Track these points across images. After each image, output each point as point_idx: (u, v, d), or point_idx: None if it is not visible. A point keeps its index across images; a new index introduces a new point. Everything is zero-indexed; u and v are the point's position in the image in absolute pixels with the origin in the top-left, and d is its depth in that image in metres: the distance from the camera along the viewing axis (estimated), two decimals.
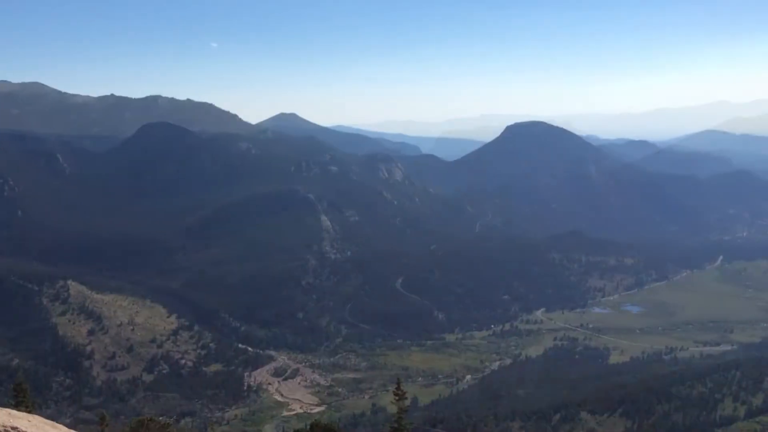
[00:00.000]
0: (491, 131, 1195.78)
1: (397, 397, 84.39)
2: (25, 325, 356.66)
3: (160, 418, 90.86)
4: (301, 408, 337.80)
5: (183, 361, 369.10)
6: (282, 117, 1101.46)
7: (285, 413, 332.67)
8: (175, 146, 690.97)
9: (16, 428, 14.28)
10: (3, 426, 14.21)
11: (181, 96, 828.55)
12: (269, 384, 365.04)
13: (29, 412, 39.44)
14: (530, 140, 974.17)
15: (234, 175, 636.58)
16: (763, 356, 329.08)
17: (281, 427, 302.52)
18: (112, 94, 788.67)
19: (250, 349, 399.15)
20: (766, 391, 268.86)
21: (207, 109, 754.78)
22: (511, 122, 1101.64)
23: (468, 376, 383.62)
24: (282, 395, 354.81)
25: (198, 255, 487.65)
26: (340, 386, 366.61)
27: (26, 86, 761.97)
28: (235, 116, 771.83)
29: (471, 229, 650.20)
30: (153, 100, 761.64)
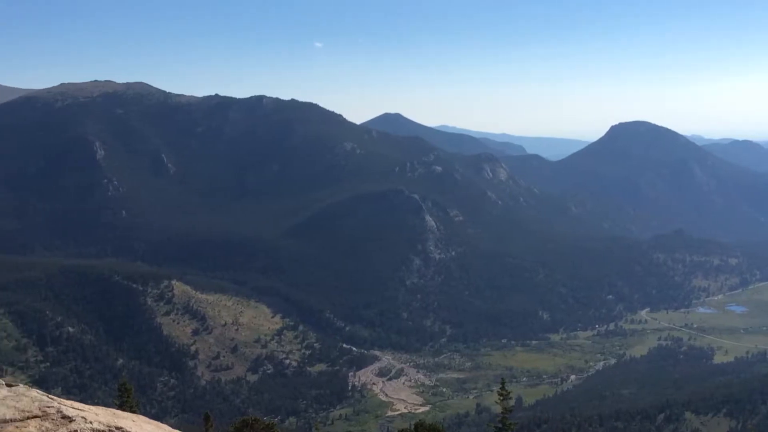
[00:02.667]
0: (596, 131, 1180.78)
1: (501, 397, 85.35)
2: (130, 326, 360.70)
3: (265, 418, 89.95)
4: (405, 408, 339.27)
5: (287, 361, 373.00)
6: (386, 117, 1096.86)
7: (389, 413, 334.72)
8: (279, 146, 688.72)
9: (121, 428, 13.67)
10: (108, 426, 13.45)
11: (286, 96, 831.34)
12: (373, 384, 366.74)
13: (134, 412, 38.66)
14: (634, 140, 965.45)
15: (338, 174, 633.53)
16: None
17: (385, 427, 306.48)
18: (216, 94, 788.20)
19: (354, 348, 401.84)
20: None
21: (311, 109, 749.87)
22: (615, 122, 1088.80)
23: (572, 376, 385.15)
24: (386, 395, 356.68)
25: (302, 255, 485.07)
26: (444, 386, 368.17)
27: (131, 86, 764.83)
28: (339, 116, 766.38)
29: (575, 229, 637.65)
30: (257, 100, 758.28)
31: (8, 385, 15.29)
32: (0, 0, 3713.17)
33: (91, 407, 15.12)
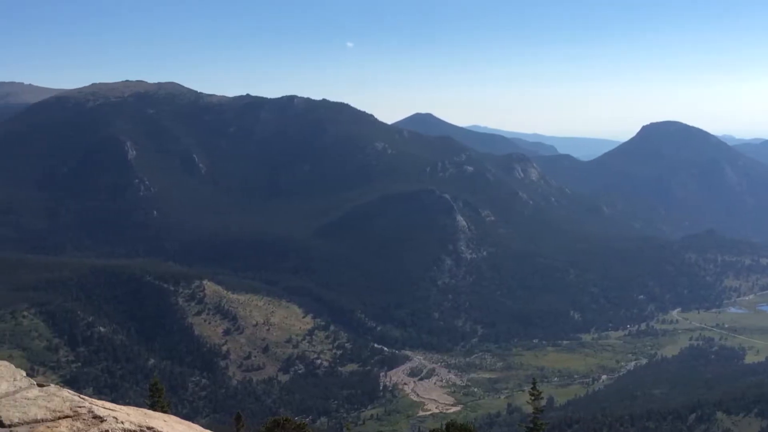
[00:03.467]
0: (627, 131, 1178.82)
1: (532, 397, 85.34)
2: (161, 326, 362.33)
3: (296, 418, 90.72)
4: (436, 408, 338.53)
5: (319, 361, 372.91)
6: (418, 117, 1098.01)
7: (420, 413, 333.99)
8: (310, 146, 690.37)
9: (152, 428, 14.02)
10: (139, 426, 13.90)
11: (317, 96, 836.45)
12: (405, 384, 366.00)
13: (165, 411, 38.24)
14: (666, 140, 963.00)
15: (369, 174, 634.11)
16: None
17: (417, 427, 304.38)
18: (247, 94, 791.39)
19: (385, 349, 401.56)
20: None
21: (343, 108, 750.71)
22: (646, 122, 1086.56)
23: (604, 376, 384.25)
24: (417, 395, 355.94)
25: (333, 254, 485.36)
26: (475, 386, 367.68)
27: (162, 86, 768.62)
28: (370, 116, 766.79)
29: (607, 229, 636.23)
30: (288, 100, 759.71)
31: (40, 385, 14.59)
32: (33, 1, 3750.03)
33: (123, 407, 14.88)
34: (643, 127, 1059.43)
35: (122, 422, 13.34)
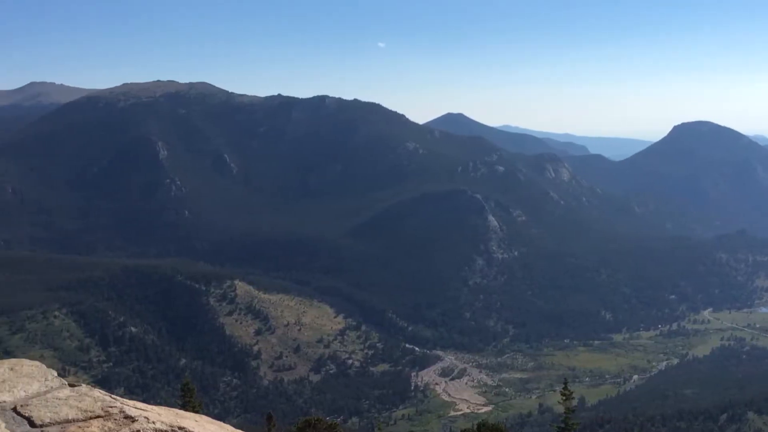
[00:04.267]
0: (658, 131, 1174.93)
1: (564, 397, 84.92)
2: (193, 326, 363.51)
3: (327, 418, 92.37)
4: (467, 408, 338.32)
5: (350, 361, 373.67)
6: (449, 117, 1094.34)
7: (452, 413, 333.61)
8: (341, 146, 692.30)
9: (184, 428, 14.09)
10: (170, 426, 14.03)
11: (349, 96, 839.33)
12: (436, 384, 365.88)
13: (196, 412, 35.45)
14: (697, 140, 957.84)
15: (401, 174, 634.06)
16: None
17: (448, 427, 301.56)
18: (279, 94, 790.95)
19: (417, 349, 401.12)
20: None
21: (374, 109, 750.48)
22: (678, 122, 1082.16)
23: (635, 377, 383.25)
24: (449, 395, 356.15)
25: (364, 255, 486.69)
26: (506, 386, 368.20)
27: (193, 86, 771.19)
28: (402, 116, 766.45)
29: (638, 229, 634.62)
30: (320, 100, 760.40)
31: (71, 385, 14.21)
32: (64, 1, 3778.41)
33: (154, 407, 14.57)
34: (675, 127, 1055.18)
35: (154, 422, 13.18)
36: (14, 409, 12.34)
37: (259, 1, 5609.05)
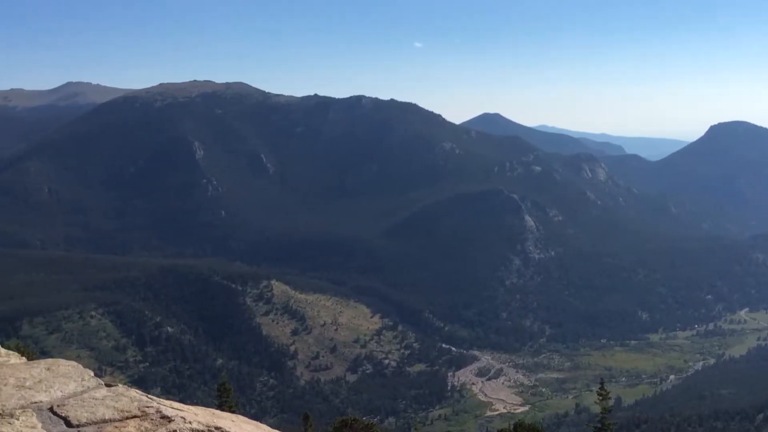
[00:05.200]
0: (695, 131, 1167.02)
1: (600, 397, 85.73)
2: (229, 326, 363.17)
3: (364, 418, 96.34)
4: (504, 408, 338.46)
5: (387, 361, 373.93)
6: (485, 117, 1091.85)
7: (488, 413, 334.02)
8: (378, 146, 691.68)
9: (220, 428, 13.57)
10: (207, 426, 13.58)
11: (385, 96, 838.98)
12: (473, 384, 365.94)
13: (233, 411, 37.71)
14: (733, 140, 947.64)
15: (437, 174, 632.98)
16: None
17: (485, 427, 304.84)
18: (315, 94, 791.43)
19: (453, 348, 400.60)
20: None
21: (410, 109, 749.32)
22: (714, 122, 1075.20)
23: (672, 377, 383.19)
24: (485, 395, 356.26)
25: (400, 255, 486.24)
26: (543, 386, 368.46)
27: (230, 86, 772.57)
28: (438, 116, 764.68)
29: (674, 229, 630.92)
30: (356, 100, 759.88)
31: (108, 385, 13.78)
32: (101, 1, 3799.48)
33: (190, 407, 14.01)
34: (711, 127, 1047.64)
35: (190, 422, 12.69)
36: (51, 409, 12.01)
37: (297, 1, 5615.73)
